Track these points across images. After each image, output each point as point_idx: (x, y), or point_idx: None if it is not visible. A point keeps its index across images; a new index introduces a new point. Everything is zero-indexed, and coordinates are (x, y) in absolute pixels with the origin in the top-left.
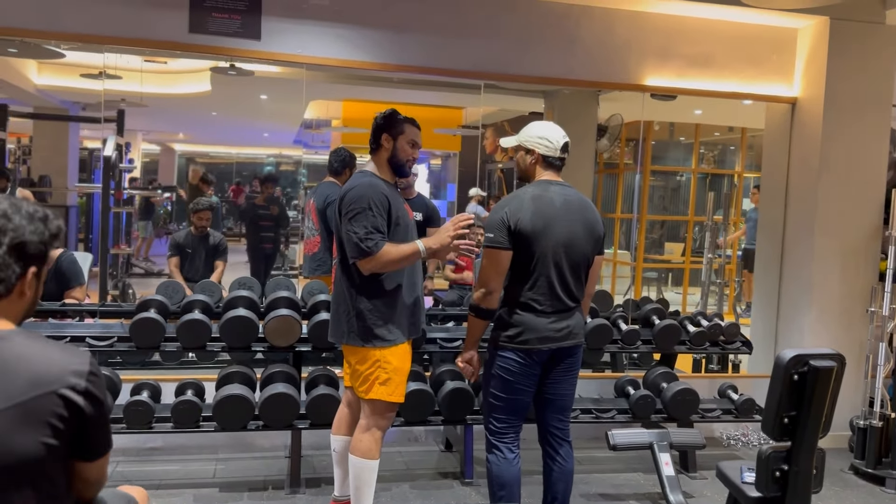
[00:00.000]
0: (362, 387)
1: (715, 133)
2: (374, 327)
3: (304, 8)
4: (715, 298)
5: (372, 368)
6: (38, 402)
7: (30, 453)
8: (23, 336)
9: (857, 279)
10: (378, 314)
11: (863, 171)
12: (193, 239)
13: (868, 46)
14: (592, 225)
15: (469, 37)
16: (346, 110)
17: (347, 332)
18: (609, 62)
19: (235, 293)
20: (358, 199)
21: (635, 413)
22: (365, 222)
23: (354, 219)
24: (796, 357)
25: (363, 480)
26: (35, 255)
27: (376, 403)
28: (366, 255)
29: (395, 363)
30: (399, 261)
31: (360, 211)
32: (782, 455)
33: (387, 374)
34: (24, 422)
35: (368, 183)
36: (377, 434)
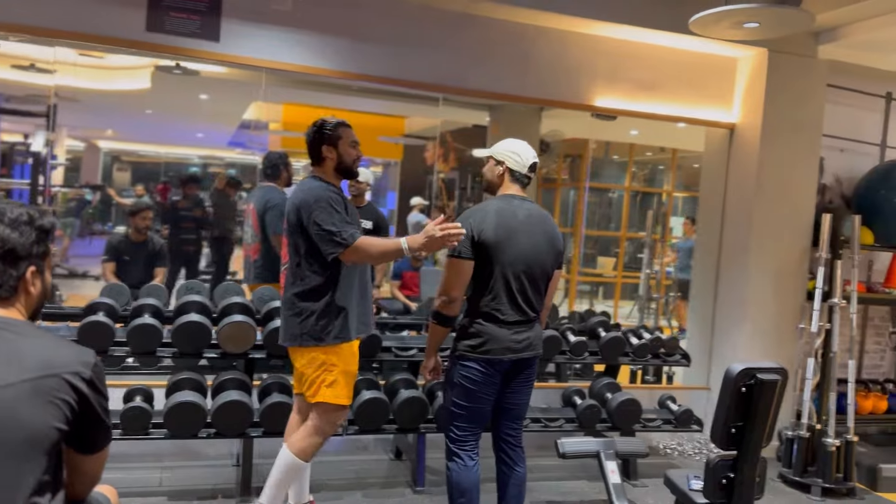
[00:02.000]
0: (309, 390)
1: (647, 153)
2: (323, 328)
3: (265, 12)
4: (652, 312)
5: (318, 371)
6: (46, 381)
7: (39, 429)
8: (34, 328)
9: (788, 298)
10: (327, 315)
11: (794, 195)
12: (132, 244)
13: (801, 78)
14: (553, 238)
15: (429, 50)
16: (287, 114)
17: (300, 333)
18: (562, 82)
19: (187, 298)
20: (318, 199)
21: (582, 422)
22: (332, 218)
23: (320, 217)
24: (744, 370)
25: (286, 476)
26: (28, 256)
27: (323, 406)
28: (344, 245)
29: (341, 365)
30: (381, 254)
31: (323, 209)
32: (729, 463)
33: (333, 377)
34: (34, 397)
35: (319, 185)
36: (318, 440)
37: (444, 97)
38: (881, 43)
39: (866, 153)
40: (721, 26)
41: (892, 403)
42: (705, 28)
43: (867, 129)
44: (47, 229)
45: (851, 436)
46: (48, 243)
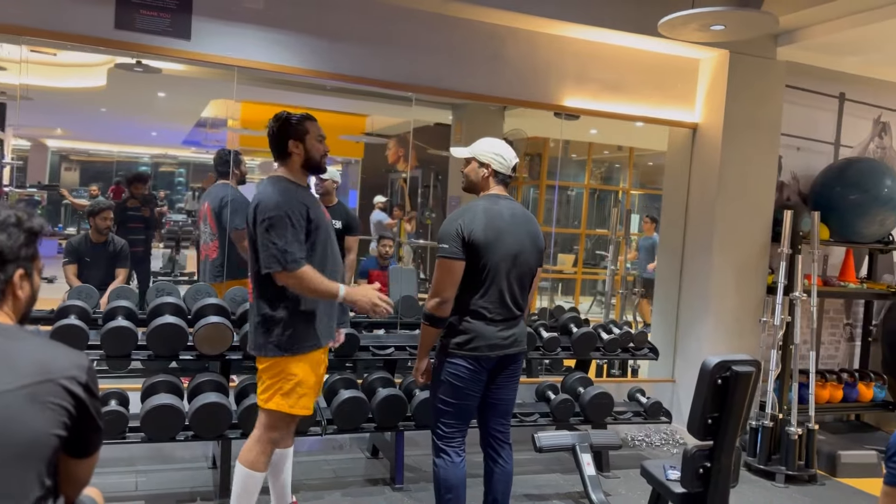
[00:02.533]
0: (263, 395)
1: (605, 151)
2: (290, 337)
3: (236, 11)
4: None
5: (275, 378)
6: (44, 387)
7: (39, 436)
8: (25, 332)
9: (749, 292)
10: (293, 324)
11: (754, 193)
12: (92, 245)
13: (761, 79)
14: (536, 238)
15: (402, 50)
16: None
17: (265, 343)
18: (532, 82)
19: (161, 299)
20: (274, 207)
21: (556, 416)
22: (285, 234)
23: (272, 229)
24: (720, 363)
25: (246, 491)
26: (16, 259)
27: (274, 414)
28: (283, 269)
29: (301, 375)
30: (315, 291)
31: (276, 223)
32: (705, 453)
33: (290, 386)
34: (31, 404)
35: (283, 190)
36: (267, 447)
37: (417, 97)
38: (836, 45)
39: (821, 151)
40: (688, 28)
41: (847, 392)
42: (673, 30)
43: (822, 128)
44: (36, 231)
45: (812, 424)
46: (37, 245)
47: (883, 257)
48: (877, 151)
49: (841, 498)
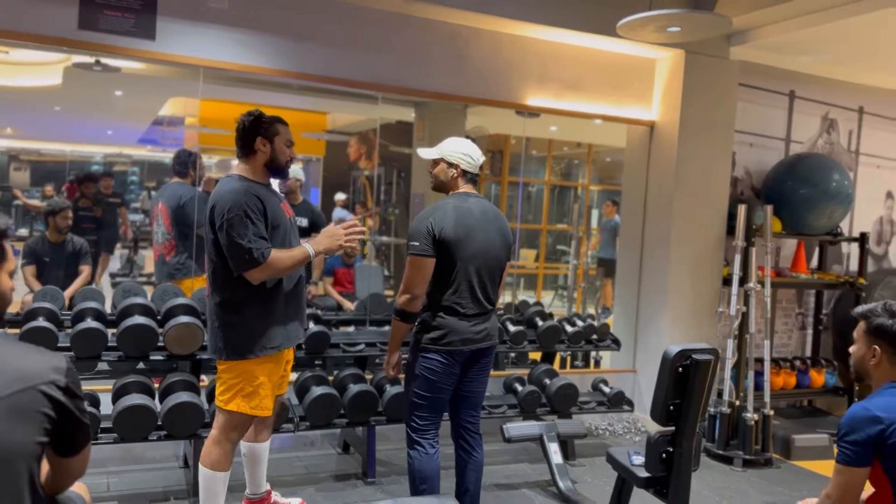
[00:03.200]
0: (223, 396)
1: (564, 148)
2: (249, 339)
3: (202, 11)
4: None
5: (237, 379)
6: (22, 396)
7: (20, 446)
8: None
9: (705, 284)
10: (253, 325)
11: (710, 188)
12: (51, 245)
13: (716, 78)
14: (505, 234)
15: (367, 50)
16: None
17: (224, 347)
18: (495, 81)
19: (130, 300)
20: (231, 207)
21: (524, 407)
22: (246, 231)
23: (233, 229)
24: (681, 352)
25: (212, 492)
26: None
27: (234, 415)
28: (255, 265)
29: (262, 378)
30: (290, 266)
31: (236, 221)
32: (668, 438)
33: (251, 388)
34: (11, 414)
35: (237, 189)
36: (227, 446)
37: (383, 96)
38: (786, 45)
39: (773, 147)
40: (646, 30)
41: (800, 379)
42: (632, 31)
43: (773, 125)
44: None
45: (768, 410)
46: (4, 246)
47: (832, 249)
48: (825, 147)
49: (795, 480)
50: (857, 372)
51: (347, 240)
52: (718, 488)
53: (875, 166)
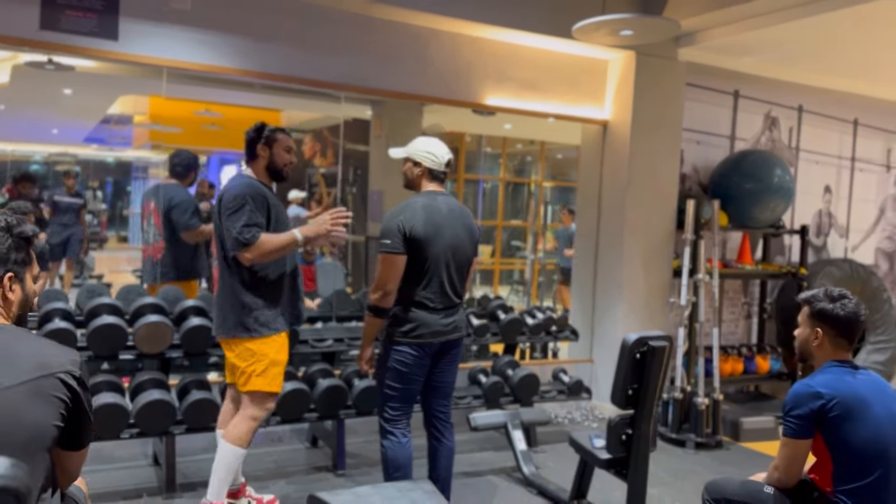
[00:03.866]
0: (241, 379)
1: (517, 145)
2: (258, 319)
3: (164, 11)
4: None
5: (249, 361)
6: (44, 381)
7: (41, 428)
8: (19, 331)
9: (657, 276)
10: (262, 306)
11: (661, 184)
12: None
13: (665, 78)
14: (472, 230)
15: (329, 50)
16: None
17: (234, 325)
18: (455, 81)
19: (98, 300)
20: (235, 196)
21: (488, 398)
22: (243, 217)
23: (233, 215)
24: (639, 339)
25: (227, 464)
26: (4, 262)
27: (254, 394)
28: (244, 245)
29: (272, 355)
30: (277, 249)
31: (238, 207)
32: (627, 421)
33: (263, 366)
34: (34, 397)
35: (247, 183)
36: (252, 424)
37: (346, 95)
38: (731, 47)
39: (718, 145)
40: (600, 33)
41: (747, 365)
42: (586, 35)
43: (719, 123)
44: (28, 237)
45: (718, 395)
46: (30, 251)
47: (775, 241)
48: (767, 144)
49: (744, 460)
50: (802, 353)
51: (334, 224)
52: (673, 470)
53: (814, 162)
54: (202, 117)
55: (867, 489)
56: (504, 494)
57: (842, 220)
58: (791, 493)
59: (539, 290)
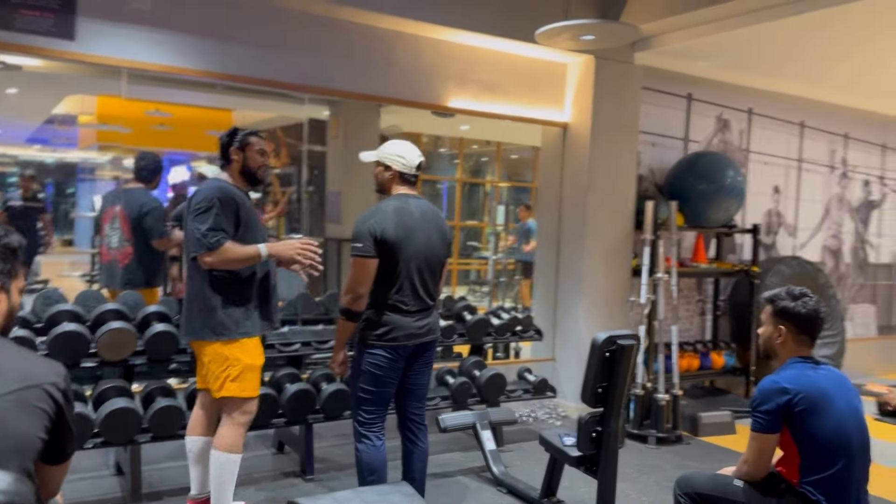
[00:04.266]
0: (215, 385)
1: (473, 146)
2: (225, 321)
3: (123, 11)
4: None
5: (223, 366)
6: (29, 392)
7: (26, 439)
8: (4, 342)
9: (617, 275)
10: (230, 309)
11: (619, 185)
12: None
13: (622, 82)
14: (443, 232)
15: (293, 51)
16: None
17: (201, 327)
18: (419, 83)
19: (58, 307)
20: (204, 199)
21: (456, 399)
22: (208, 220)
23: (198, 217)
24: (608, 338)
25: (226, 474)
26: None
27: (230, 400)
28: (207, 249)
29: (245, 359)
30: (239, 260)
31: (205, 210)
32: (597, 419)
33: (237, 371)
34: (19, 408)
35: (218, 186)
36: (240, 429)
37: (310, 97)
38: (684, 51)
39: (673, 147)
40: (562, 38)
41: (702, 361)
42: (549, 39)
43: (673, 126)
44: (13, 248)
45: (677, 391)
46: (15, 262)
47: (727, 240)
48: (719, 145)
49: (704, 454)
50: (766, 350)
51: (299, 254)
52: (636, 465)
53: (763, 163)
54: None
55: (832, 479)
56: (475, 495)
57: (790, 219)
58: (760, 485)
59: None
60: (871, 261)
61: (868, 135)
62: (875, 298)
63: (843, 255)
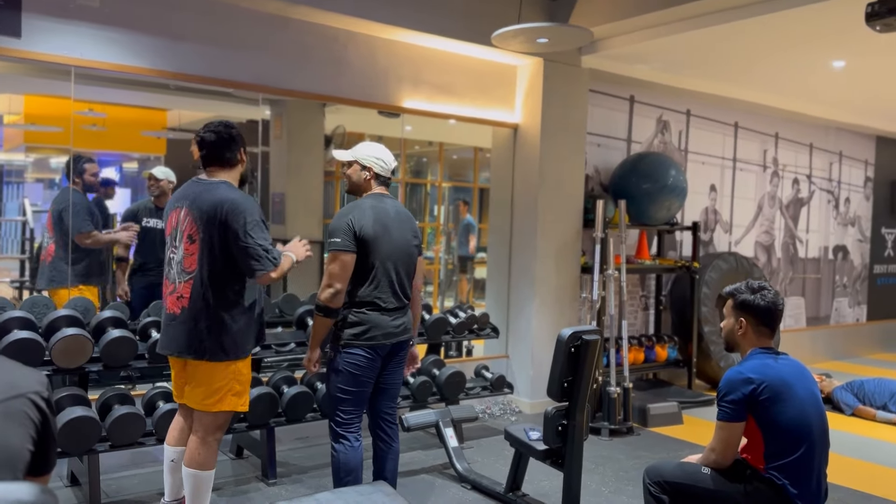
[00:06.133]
0: (210, 399)
1: (415, 146)
2: (238, 340)
3: (70, 8)
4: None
5: (226, 381)
6: (14, 403)
7: (15, 451)
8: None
9: (567, 273)
10: (241, 327)
11: (568, 185)
12: None
13: (570, 84)
14: (415, 232)
15: (247, 50)
16: (29, 105)
17: (210, 348)
18: (373, 84)
19: (8, 314)
20: (252, 211)
21: (416, 397)
22: (266, 235)
23: (256, 231)
24: (573, 334)
25: (203, 489)
26: None
27: (222, 415)
28: (273, 266)
29: (247, 373)
30: (287, 271)
31: (258, 223)
32: (563, 413)
33: (241, 386)
34: (6, 419)
35: (247, 196)
36: (214, 445)
37: (264, 97)
38: (627, 55)
39: (616, 147)
40: (518, 40)
41: (647, 354)
42: (504, 42)
43: (617, 127)
44: None
45: (627, 384)
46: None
47: (668, 237)
48: (660, 146)
49: (655, 444)
50: (728, 342)
51: (307, 250)
52: (592, 457)
53: (700, 163)
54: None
55: (795, 464)
56: (441, 492)
57: (725, 217)
58: (727, 472)
59: (440, 288)
60: (801, 255)
61: (797, 135)
62: (804, 291)
63: (774, 251)
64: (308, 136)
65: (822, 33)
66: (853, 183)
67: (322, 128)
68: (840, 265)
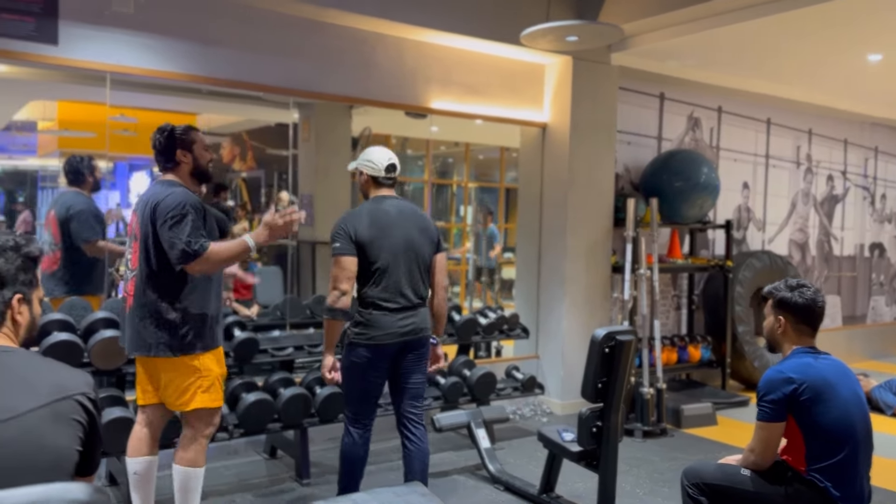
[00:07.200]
0: (181, 399)
1: (441, 147)
2: (190, 335)
3: (106, 15)
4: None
5: (192, 378)
6: (62, 404)
7: (64, 452)
8: (29, 354)
9: (597, 272)
10: (191, 322)
11: (598, 184)
12: None
13: (600, 82)
14: (425, 229)
15: (277, 54)
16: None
17: (156, 343)
18: (401, 85)
19: (48, 317)
20: (176, 205)
21: (447, 398)
22: (187, 227)
23: (176, 225)
24: (607, 334)
25: (191, 488)
26: (13, 283)
27: (200, 412)
28: (195, 257)
29: (216, 369)
30: (231, 258)
31: (181, 217)
32: (597, 414)
33: (209, 381)
34: (55, 421)
35: (183, 192)
36: (203, 442)
37: (295, 100)
38: (657, 51)
39: (647, 145)
40: (547, 39)
41: (680, 355)
42: (533, 41)
43: (647, 125)
44: (34, 257)
45: (661, 385)
46: (36, 273)
47: (701, 235)
48: (691, 143)
49: (689, 445)
50: (770, 342)
51: (283, 219)
52: (626, 459)
53: (733, 160)
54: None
55: (837, 466)
56: (473, 493)
57: (759, 215)
58: (767, 474)
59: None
60: (836, 253)
61: (831, 131)
62: (840, 290)
63: (809, 249)
64: (335, 138)
65: (858, 26)
66: (889, 179)
67: (349, 130)
68: (877, 263)
